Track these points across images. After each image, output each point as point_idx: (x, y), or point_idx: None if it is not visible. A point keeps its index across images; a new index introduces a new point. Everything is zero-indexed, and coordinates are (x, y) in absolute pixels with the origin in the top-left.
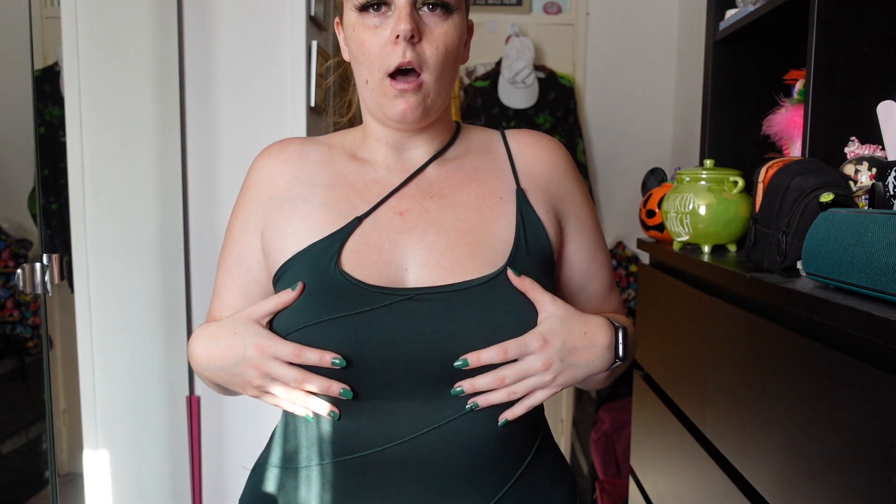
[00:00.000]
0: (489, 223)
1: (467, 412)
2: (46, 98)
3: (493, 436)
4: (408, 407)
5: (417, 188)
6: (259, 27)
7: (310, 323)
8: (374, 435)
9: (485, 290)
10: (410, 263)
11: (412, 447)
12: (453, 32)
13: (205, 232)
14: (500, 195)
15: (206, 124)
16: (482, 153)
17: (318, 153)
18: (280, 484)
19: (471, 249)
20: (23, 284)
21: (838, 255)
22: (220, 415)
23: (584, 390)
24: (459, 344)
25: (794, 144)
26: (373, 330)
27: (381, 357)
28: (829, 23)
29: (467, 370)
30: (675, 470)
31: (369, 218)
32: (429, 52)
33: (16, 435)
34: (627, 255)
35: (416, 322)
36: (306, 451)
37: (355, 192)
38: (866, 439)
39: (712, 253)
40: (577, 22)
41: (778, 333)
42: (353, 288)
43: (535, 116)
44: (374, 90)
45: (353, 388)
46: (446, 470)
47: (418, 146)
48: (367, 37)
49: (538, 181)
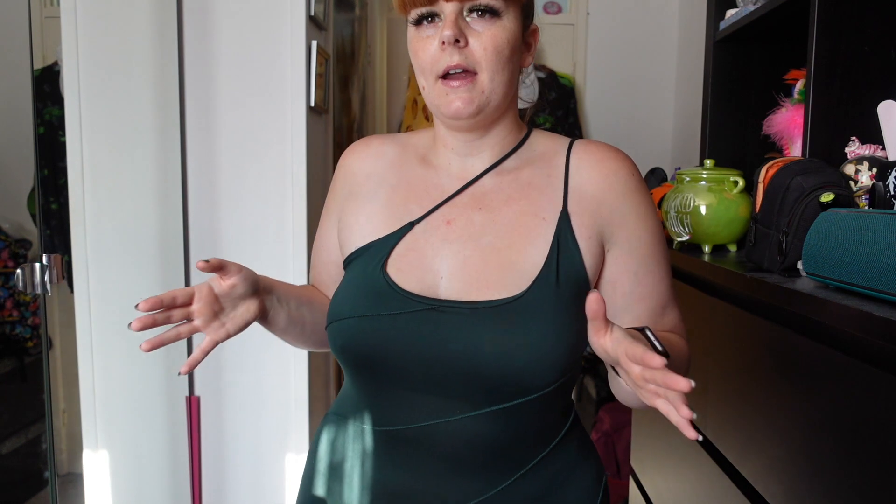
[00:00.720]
0: (525, 244)
1: (477, 413)
2: (46, 98)
3: (499, 433)
4: (424, 399)
5: (470, 198)
6: (259, 27)
7: (352, 315)
8: (397, 417)
9: (506, 310)
10: (445, 273)
11: (428, 432)
12: (502, 34)
13: (204, 231)
14: (543, 216)
15: (205, 124)
16: (541, 166)
17: (394, 152)
18: (336, 433)
19: (500, 269)
20: (22, 284)
21: (839, 255)
22: (220, 415)
23: (584, 389)
24: (477, 357)
25: (795, 144)
26: (399, 331)
27: (403, 355)
28: (829, 23)
29: (467, 376)
30: (676, 470)
31: (420, 223)
32: (478, 52)
33: (15, 435)
34: None
35: (436, 331)
36: (358, 412)
37: (415, 195)
38: (866, 439)
39: (712, 253)
40: (577, 22)
41: (778, 333)
42: (391, 292)
43: (534, 116)
44: (431, 94)
45: (384, 376)
46: (456, 455)
47: (480, 153)
48: (420, 47)
49: (588, 203)
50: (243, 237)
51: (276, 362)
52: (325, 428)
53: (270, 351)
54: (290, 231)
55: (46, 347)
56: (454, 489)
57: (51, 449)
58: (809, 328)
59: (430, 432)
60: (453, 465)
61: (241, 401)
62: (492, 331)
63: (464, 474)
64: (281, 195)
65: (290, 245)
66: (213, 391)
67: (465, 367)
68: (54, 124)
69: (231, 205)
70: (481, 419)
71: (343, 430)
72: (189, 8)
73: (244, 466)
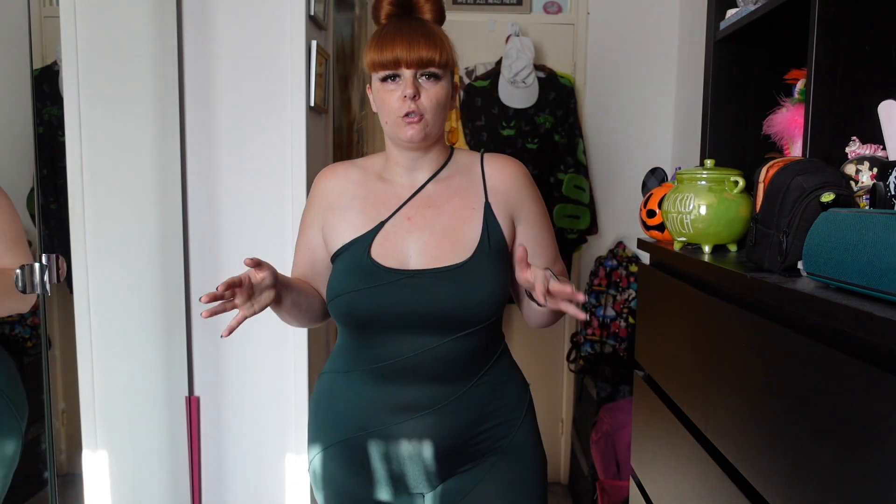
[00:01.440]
0: (464, 226)
1: (444, 342)
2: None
3: (460, 354)
4: (410, 339)
5: (420, 200)
6: (259, 26)
7: (350, 290)
8: (390, 353)
9: (458, 271)
10: (413, 252)
11: (413, 360)
12: (441, 91)
13: (204, 231)
14: (473, 206)
15: (205, 124)
16: (465, 173)
17: (357, 174)
18: (333, 382)
19: (450, 245)
20: (22, 284)
21: (839, 255)
22: (219, 415)
23: (584, 389)
24: (441, 304)
25: (795, 144)
26: (389, 295)
27: (393, 311)
28: (829, 22)
29: (436, 318)
30: (676, 470)
31: (389, 221)
32: (426, 103)
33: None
34: (628, 255)
35: (415, 291)
36: (353, 362)
37: (380, 203)
38: (866, 439)
39: (713, 253)
40: (578, 21)
41: (778, 333)
42: (377, 268)
43: (535, 116)
44: (392, 126)
45: (378, 328)
46: (433, 372)
47: (422, 167)
48: (385, 97)
49: (500, 196)
50: (243, 236)
51: (276, 362)
52: (324, 379)
53: (270, 351)
54: (289, 231)
55: (46, 347)
56: (434, 395)
57: (50, 449)
58: (810, 328)
59: (414, 360)
60: (432, 379)
61: (241, 401)
62: (450, 286)
63: (440, 384)
64: (280, 195)
65: (290, 244)
66: (212, 391)
67: (435, 312)
68: (53, 124)
69: (231, 204)
70: (448, 345)
71: (341, 377)
72: (189, 7)
73: (244, 467)
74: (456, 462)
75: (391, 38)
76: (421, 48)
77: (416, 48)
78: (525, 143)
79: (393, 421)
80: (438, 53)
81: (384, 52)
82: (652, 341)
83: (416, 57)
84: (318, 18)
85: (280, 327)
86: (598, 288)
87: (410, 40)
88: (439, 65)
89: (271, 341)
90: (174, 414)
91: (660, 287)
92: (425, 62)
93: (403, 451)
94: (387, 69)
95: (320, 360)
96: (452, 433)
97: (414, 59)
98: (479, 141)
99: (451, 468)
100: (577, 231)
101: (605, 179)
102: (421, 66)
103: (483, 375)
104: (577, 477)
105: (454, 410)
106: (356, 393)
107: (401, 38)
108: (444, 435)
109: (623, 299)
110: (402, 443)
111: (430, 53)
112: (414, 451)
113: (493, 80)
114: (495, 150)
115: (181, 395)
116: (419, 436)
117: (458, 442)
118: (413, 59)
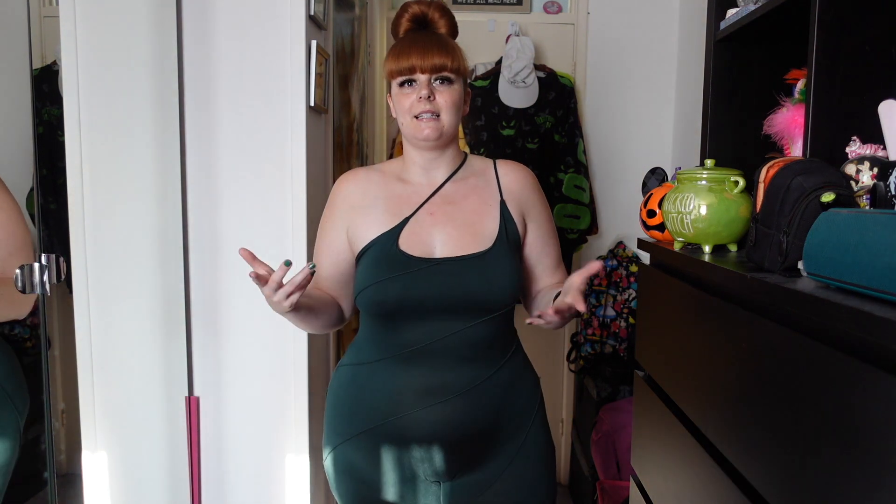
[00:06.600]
0: (483, 220)
1: (469, 325)
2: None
3: (483, 336)
4: (438, 323)
5: (440, 198)
6: (259, 27)
7: (383, 279)
8: (419, 338)
9: (481, 259)
10: (438, 244)
11: (442, 343)
12: (454, 93)
13: (204, 231)
14: (489, 203)
15: (205, 124)
16: (480, 175)
17: (377, 177)
18: (354, 374)
19: (472, 236)
20: (21, 284)
21: (839, 255)
22: (219, 415)
23: (584, 389)
24: (467, 289)
25: (795, 144)
26: (418, 282)
27: (421, 298)
28: (830, 22)
29: (463, 303)
30: (676, 470)
31: (413, 217)
32: (441, 103)
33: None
34: (628, 255)
35: (442, 278)
36: (380, 351)
37: (403, 201)
38: (866, 439)
39: (713, 253)
40: (578, 21)
41: (778, 334)
42: (406, 258)
43: (535, 116)
44: (408, 126)
45: (407, 314)
46: (459, 354)
47: (439, 167)
48: (403, 100)
49: (513, 195)
50: (243, 237)
51: (277, 363)
52: (343, 371)
53: (270, 351)
54: (289, 231)
55: (45, 347)
56: (461, 378)
57: (50, 449)
58: (810, 328)
59: (442, 343)
60: (457, 362)
61: (241, 401)
62: (475, 272)
63: (467, 366)
64: (280, 195)
65: (290, 245)
66: (212, 391)
67: (461, 297)
68: (53, 124)
69: (230, 204)
70: (472, 329)
71: (364, 368)
72: (188, 7)
73: (244, 467)
74: (479, 448)
75: (408, 49)
76: (434, 56)
77: (430, 56)
78: (525, 143)
79: (421, 405)
80: (451, 60)
81: (401, 61)
82: (652, 341)
83: (431, 63)
84: (318, 18)
85: (280, 327)
86: (599, 288)
87: (425, 49)
88: (452, 70)
89: (271, 341)
90: (174, 414)
91: (660, 287)
92: (438, 67)
93: (430, 435)
94: (403, 75)
95: (320, 360)
96: (477, 417)
97: (428, 65)
98: (478, 141)
99: (474, 455)
100: (578, 231)
101: (606, 179)
102: (435, 70)
103: (505, 363)
104: (578, 477)
105: (479, 395)
106: (382, 381)
107: (416, 48)
108: (470, 419)
109: (623, 299)
110: (429, 427)
111: (443, 60)
112: (440, 434)
113: (493, 79)
114: (495, 149)
115: (181, 395)
116: (446, 420)
117: (482, 427)
118: (427, 65)
